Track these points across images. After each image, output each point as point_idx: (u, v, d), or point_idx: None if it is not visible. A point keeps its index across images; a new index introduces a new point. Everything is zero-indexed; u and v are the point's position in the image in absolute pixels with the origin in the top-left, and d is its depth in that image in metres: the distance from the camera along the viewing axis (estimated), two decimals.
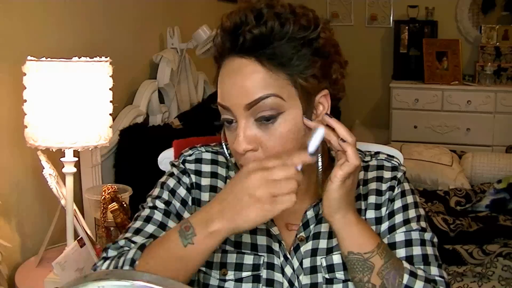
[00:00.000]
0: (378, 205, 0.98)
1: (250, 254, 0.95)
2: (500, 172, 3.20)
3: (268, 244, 0.96)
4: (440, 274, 0.93)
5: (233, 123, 0.89)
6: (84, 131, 1.55)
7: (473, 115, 4.12)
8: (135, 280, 0.59)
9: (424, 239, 0.95)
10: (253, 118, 0.87)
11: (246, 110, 0.86)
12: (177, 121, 2.57)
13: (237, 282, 0.94)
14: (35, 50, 1.61)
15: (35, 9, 1.81)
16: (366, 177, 1.00)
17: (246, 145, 0.86)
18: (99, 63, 1.58)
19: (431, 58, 4.25)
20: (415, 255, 0.93)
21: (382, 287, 0.87)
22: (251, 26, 0.85)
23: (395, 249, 0.94)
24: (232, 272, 0.94)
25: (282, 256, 0.95)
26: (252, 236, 0.96)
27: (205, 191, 0.99)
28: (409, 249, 0.94)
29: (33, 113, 1.54)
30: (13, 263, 1.71)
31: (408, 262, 0.92)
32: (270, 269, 0.94)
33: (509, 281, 2.07)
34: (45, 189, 1.67)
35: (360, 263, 0.87)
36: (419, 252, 0.94)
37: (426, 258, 0.93)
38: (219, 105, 0.90)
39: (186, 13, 3.11)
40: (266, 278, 0.94)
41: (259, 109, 0.86)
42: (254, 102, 0.85)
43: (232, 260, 0.95)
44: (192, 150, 1.03)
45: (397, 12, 4.55)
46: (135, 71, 2.54)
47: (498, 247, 2.25)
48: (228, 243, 0.96)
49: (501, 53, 4.20)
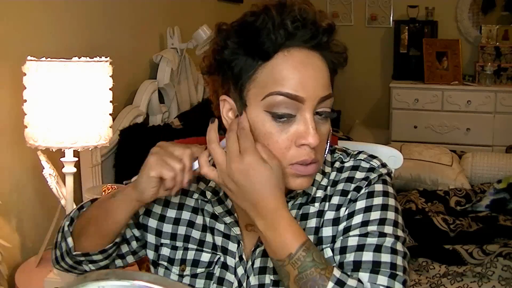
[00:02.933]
0: (339, 206, 0.93)
1: (208, 252, 0.97)
2: (500, 172, 3.20)
3: (224, 245, 0.97)
4: (388, 285, 0.83)
5: (284, 118, 0.85)
6: (84, 131, 1.56)
7: (473, 115, 4.12)
8: (135, 280, 0.59)
9: (380, 245, 0.86)
10: (314, 112, 0.86)
11: (317, 103, 0.86)
12: (177, 121, 2.56)
13: (193, 277, 0.97)
14: (35, 50, 1.61)
15: (35, 9, 1.81)
16: (338, 178, 0.95)
17: (318, 138, 0.85)
18: (99, 63, 1.58)
19: (431, 58, 4.25)
20: (364, 261, 0.85)
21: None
22: (321, 18, 0.86)
23: (346, 253, 0.88)
24: (189, 268, 0.97)
25: (238, 257, 0.96)
26: (213, 237, 0.98)
27: (176, 193, 1.02)
28: (359, 254, 0.86)
29: (33, 113, 1.54)
30: (13, 263, 1.71)
31: (355, 268, 0.85)
32: (224, 268, 0.96)
33: (509, 281, 2.07)
34: (45, 189, 1.67)
35: (279, 269, 0.84)
36: (369, 259, 0.85)
37: (377, 265, 0.84)
38: (284, 95, 0.84)
39: (186, 13, 3.11)
40: (218, 276, 0.96)
41: (323, 105, 0.87)
42: (327, 96, 0.87)
43: (191, 257, 0.98)
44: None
45: (397, 12, 4.55)
46: (135, 71, 2.54)
47: (498, 247, 2.25)
48: (191, 242, 0.98)
49: (501, 53, 4.20)
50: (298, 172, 0.87)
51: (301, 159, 0.86)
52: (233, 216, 0.96)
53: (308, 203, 0.95)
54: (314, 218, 0.94)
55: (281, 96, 0.84)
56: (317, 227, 0.93)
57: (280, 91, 0.84)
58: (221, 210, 0.96)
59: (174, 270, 0.98)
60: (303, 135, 0.85)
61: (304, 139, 0.84)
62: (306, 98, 0.84)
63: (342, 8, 4.70)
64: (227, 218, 0.96)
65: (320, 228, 0.93)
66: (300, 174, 0.87)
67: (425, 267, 2.23)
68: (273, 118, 0.85)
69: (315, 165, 0.87)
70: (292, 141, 0.86)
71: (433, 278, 2.16)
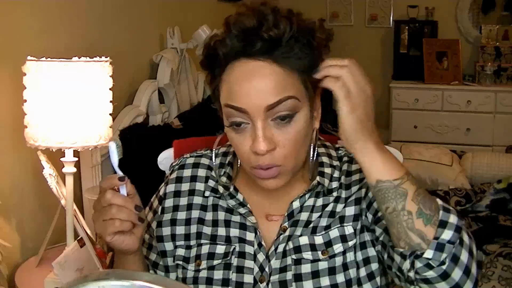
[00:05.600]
0: (360, 188, 0.99)
1: (223, 244, 0.99)
2: (500, 172, 3.20)
3: (241, 236, 0.99)
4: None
5: (242, 125, 0.90)
6: (84, 131, 1.55)
7: (473, 115, 4.12)
8: (135, 280, 0.59)
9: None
10: (270, 118, 0.88)
11: (265, 112, 0.87)
12: (177, 121, 2.57)
13: (210, 270, 0.98)
14: (35, 50, 1.61)
15: (35, 9, 1.81)
16: (351, 169, 1.02)
17: (268, 145, 0.88)
18: (99, 63, 1.58)
19: (431, 58, 4.25)
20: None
21: (419, 214, 0.83)
22: (267, 28, 0.86)
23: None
24: (205, 262, 0.99)
25: (257, 244, 0.98)
26: (226, 229, 1.01)
27: (184, 196, 1.05)
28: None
29: (33, 113, 1.54)
30: (13, 263, 1.71)
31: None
32: (241, 257, 0.98)
33: (509, 281, 2.07)
34: (45, 189, 1.67)
35: (391, 191, 0.84)
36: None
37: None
38: (231, 107, 0.89)
39: (186, 13, 3.11)
40: (237, 265, 0.97)
41: (278, 110, 0.88)
42: (276, 103, 0.87)
43: (205, 251, 1.00)
44: (179, 158, 1.10)
45: (397, 12, 4.55)
46: (135, 71, 2.54)
47: (498, 247, 2.25)
48: (203, 237, 1.01)
49: (501, 53, 4.21)
50: (258, 175, 0.92)
51: (257, 164, 0.90)
52: (246, 207, 1.00)
53: (326, 194, 1.00)
54: (332, 203, 0.99)
55: (229, 108, 0.90)
56: (334, 211, 0.99)
57: (227, 103, 0.90)
58: (234, 203, 1.01)
59: (190, 267, 1.00)
60: (253, 143, 0.89)
61: (253, 147, 0.89)
62: (249, 108, 0.87)
63: (342, 8, 4.70)
64: (242, 209, 1.00)
65: (340, 211, 0.99)
66: (260, 177, 0.92)
67: None
68: (231, 126, 0.91)
69: (276, 168, 0.90)
70: (249, 147, 0.90)
71: None
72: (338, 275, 0.94)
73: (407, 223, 0.83)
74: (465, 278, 0.82)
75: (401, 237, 0.83)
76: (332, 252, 0.96)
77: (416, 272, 0.82)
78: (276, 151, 0.89)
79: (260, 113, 0.87)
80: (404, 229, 0.83)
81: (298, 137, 0.90)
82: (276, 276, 0.95)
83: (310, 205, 0.99)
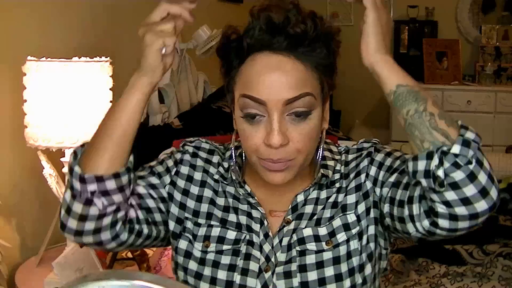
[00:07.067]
0: (358, 174, 1.00)
1: (233, 230, 1.00)
2: (500, 172, 3.20)
3: (248, 224, 1.00)
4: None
5: (257, 117, 0.91)
6: (84, 131, 1.56)
7: (473, 115, 4.11)
8: (135, 280, 0.59)
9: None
10: (286, 113, 0.90)
11: (283, 106, 0.89)
12: (177, 121, 2.57)
13: (218, 253, 0.99)
14: (35, 50, 1.61)
15: (35, 9, 1.81)
16: (347, 159, 1.04)
17: (282, 139, 0.89)
18: (99, 63, 1.58)
19: (431, 58, 4.25)
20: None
21: (441, 115, 0.83)
22: (293, 24, 0.89)
23: (398, 188, 0.93)
24: (214, 245, 0.99)
25: (263, 235, 0.99)
26: (237, 216, 1.02)
27: (199, 171, 1.04)
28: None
29: (33, 113, 1.54)
30: (13, 263, 1.71)
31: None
32: (250, 245, 0.99)
33: (509, 281, 2.07)
34: (45, 189, 1.67)
35: (412, 93, 0.85)
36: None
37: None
38: (250, 98, 0.90)
39: None
40: (245, 253, 0.98)
41: (295, 105, 0.90)
42: (294, 98, 0.89)
43: (216, 234, 1.00)
44: (194, 139, 1.09)
45: (397, 12, 4.55)
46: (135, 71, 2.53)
47: (498, 247, 2.25)
48: (214, 219, 1.01)
49: (501, 53, 4.20)
50: (266, 166, 0.93)
51: (268, 157, 0.91)
52: (255, 199, 1.01)
53: (329, 186, 1.02)
54: (335, 194, 1.01)
55: (246, 98, 0.91)
56: (337, 202, 1.00)
57: (245, 94, 0.91)
58: (244, 192, 1.02)
59: (196, 245, 1.00)
60: (268, 135, 0.90)
61: (267, 139, 0.90)
62: (268, 100, 0.89)
63: (342, 8, 4.69)
64: (251, 199, 1.01)
65: (342, 200, 1.00)
66: (269, 169, 0.93)
67: (425, 267, 2.23)
68: (245, 117, 0.92)
69: (286, 162, 0.92)
70: (262, 139, 0.91)
71: (433, 278, 2.16)
72: (342, 264, 0.96)
73: (430, 123, 0.83)
74: (491, 184, 0.82)
75: (425, 138, 0.83)
76: (336, 242, 0.97)
77: (445, 174, 0.80)
78: (289, 146, 0.91)
79: (278, 107, 0.89)
80: (428, 129, 0.83)
81: (311, 134, 0.93)
82: (281, 267, 0.97)
83: (314, 197, 1.01)
